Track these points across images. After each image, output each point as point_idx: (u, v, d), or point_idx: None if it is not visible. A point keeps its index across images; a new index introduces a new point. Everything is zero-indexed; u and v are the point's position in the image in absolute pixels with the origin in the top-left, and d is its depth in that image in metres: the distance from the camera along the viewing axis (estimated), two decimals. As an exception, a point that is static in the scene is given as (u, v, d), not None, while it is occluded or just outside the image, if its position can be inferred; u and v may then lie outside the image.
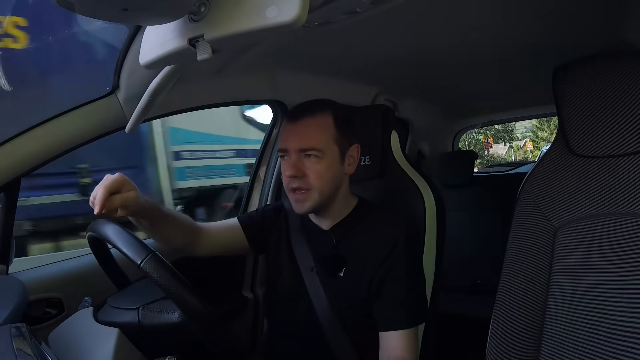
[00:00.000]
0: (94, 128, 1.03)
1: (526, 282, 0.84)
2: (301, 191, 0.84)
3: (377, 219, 0.91)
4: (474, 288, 1.87)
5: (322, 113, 0.86)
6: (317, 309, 0.88)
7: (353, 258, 0.87)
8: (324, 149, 0.83)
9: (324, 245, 0.91)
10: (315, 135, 0.83)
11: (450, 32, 1.11)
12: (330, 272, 0.88)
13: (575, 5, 0.97)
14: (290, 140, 0.84)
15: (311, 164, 0.83)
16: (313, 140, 0.83)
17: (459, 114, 2.32)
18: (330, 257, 0.88)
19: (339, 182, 0.88)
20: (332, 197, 0.88)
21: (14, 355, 0.52)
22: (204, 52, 0.59)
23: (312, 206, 0.86)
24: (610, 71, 0.82)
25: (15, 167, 0.95)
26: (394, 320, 0.82)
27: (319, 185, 0.84)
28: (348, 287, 0.86)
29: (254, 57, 1.07)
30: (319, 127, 0.84)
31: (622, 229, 0.79)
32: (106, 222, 0.84)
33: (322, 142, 0.84)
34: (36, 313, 1.00)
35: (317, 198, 0.85)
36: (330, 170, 0.85)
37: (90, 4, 0.52)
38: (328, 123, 0.85)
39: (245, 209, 1.52)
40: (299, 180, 0.83)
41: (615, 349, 0.75)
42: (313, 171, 0.83)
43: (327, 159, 0.84)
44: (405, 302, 0.83)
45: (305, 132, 0.83)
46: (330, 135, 0.85)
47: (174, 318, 0.81)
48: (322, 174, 0.84)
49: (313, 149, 0.83)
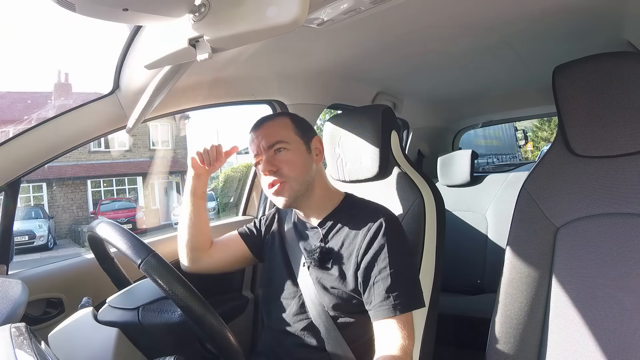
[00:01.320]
0: (94, 128, 1.03)
1: (526, 282, 0.84)
2: (278, 184, 0.90)
3: (361, 209, 0.93)
4: (474, 288, 1.87)
5: (280, 116, 0.99)
6: (309, 305, 0.90)
7: (339, 249, 0.89)
8: (289, 140, 0.92)
9: (314, 241, 0.93)
10: (278, 131, 0.92)
11: (450, 32, 1.11)
12: (319, 265, 0.89)
13: (575, 5, 0.98)
14: (257, 143, 0.92)
15: (281, 156, 0.90)
16: (278, 135, 0.91)
17: (459, 114, 2.32)
18: (318, 251, 0.90)
19: (312, 171, 0.93)
20: (309, 186, 0.92)
21: (14, 355, 0.52)
22: (204, 52, 0.59)
23: (291, 196, 0.90)
24: (610, 71, 0.82)
25: (16, 167, 0.95)
26: (384, 308, 0.81)
27: (293, 175, 0.90)
28: (337, 279, 0.87)
29: (254, 57, 1.07)
30: (280, 124, 0.94)
31: (622, 229, 0.79)
32: (106, 222, 0.84)
33: (285, 135, 0.92)
34: (36, 313, 1.01)
35: (295, 187, 0.90)
36: (299, 158, 0.91)
37: (91, 4, 0.53)
38: (286, 121, 0.95)
39: (245, 209, 1.53)
40: (275, 174, 0.90)
41: (615, 349, 0.75)
42: (285, 162, 0.90)
43: (294, 149, 0.91)
44: (393, 288, 0.81)
45: (268, 131, 0.92)
46: (291, 129, 0.93)
47: (174, 318, 0.81)
48: (293, 163, 0.90)
49: (279, 142, 0.90)
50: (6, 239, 0.98)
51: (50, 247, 9.20)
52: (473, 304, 1.71)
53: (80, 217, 10.67)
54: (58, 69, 13.61)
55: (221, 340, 0.74)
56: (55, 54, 23.83)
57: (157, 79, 0.83)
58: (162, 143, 12.09)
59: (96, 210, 10.37)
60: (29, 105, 9.90)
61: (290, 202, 0.91)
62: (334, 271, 0.88)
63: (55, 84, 10.63)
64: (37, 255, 8.09)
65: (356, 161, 1.12)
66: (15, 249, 1.05)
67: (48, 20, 24.04)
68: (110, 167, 11.07)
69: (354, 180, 1.16)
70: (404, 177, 1.09)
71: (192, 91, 1.13)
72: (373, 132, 1.11)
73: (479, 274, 1.88)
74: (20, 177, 0.97)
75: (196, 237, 1.00)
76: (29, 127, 0.95)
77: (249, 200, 1.52)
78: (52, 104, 10.27)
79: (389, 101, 1.75)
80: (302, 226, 0.97)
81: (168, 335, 0.83)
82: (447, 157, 2.11)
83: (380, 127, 1.10)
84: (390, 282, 0.82)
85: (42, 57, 22.17)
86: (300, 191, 0.91)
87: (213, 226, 1.44)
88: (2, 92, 10.64)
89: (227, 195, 9.74)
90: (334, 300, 0.87)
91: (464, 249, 1.91)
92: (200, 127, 19.53)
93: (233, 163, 8.58)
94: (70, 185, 10.84)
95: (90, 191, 10.98)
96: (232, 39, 0.58)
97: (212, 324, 0.73)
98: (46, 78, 29.47)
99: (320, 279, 0.89)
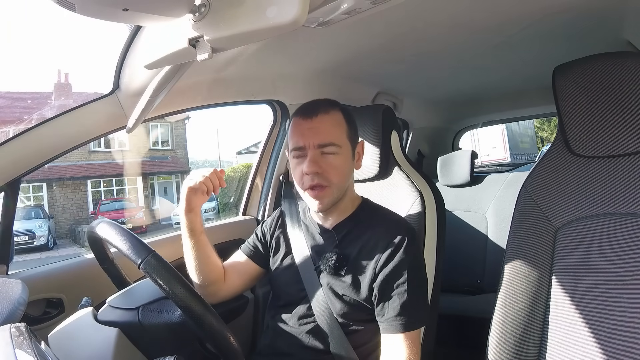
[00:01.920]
0: (94, 128, 1.03)
1: (526, 282, 0.84)
2: (320, 187, 0.84)
3: (381, 219, 0.91)
4: (474, 288, 1.87)
5: (334, 110, 0.88)
6: (315, 308, 0.88)
7: (355, 257, 0.86)
8: (341, 144, 0.85)
9: (327, 245, 0.90)
10: (333, 131, 0.85)
11: (450, 32, 1.11)
12: (331, 271, 0.87)
13: (575, 5, 0.97)
14: (307, 136, 0.84)
15: (329, 159, 0.84)
16: (332, 135, 0.84)
17: (459, 114, 2.32)
18: (333, 257, 0.87)
19: (351, 177, 0.90)
20: (345, 193, 0.89)
21: (13, 355, 0.52)
22: (204, 52, 0.60)
23: (331, 202, 0.86)
24: (611, 71, 0.82)
25: (16, 167, 0.95)
26: (397, 323, 0.81)
27: (337, 181, 0.85)
28: (350, 287, 0.86)
29: (254, 57, 1.07)
30: (335, 122, 0.86)
31: (622, 229, 0.79)
32: (106, 222, 0.84)
33: (339, 138, 0.85)
34: (36, 313, 1.00)
35: (335, 194, 0.86)
36: (346, 165, 0.87)
37: (91, 4, 0.53)
38: (341, 119, 0.87)
39: (245, 209, 1.53)
40: (318, 177, 0.83)
41: (615, 349, 0.75)
42: (332, 167, 0.84)
43: (344, 154, 0.86)
44: (408, 306, 0.81)
45: (323, 127, 0.84)
46: (344, 131, 0.87)
47: (174, 318, 0.81)
48: (341, 170, 0.85)
49: (332, 144, 0.84)
50: (6, 239, 0.98)
51: (50, 247, 9.21)
52: (473, 304, 1.71)
53: (80, 217, 10.67)
54: (58, 69, 13.61)
55: (221, 340, 0.74)
56: (55, 54, 23.82)
57: (157, 79, 0.83)
58: (163, 143, 12.10)
59: (96, 210, 10.37)
60: (29, 105, 9.90)
61: (327, 208, 0.87)
62: (347, 279, 0.86)
63: (55, 84, 10.63)
64: (37, 255, 8.09)
65: (356, 161, 1.12)
66: (15, 249, 1.06)
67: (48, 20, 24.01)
68: (110, 167, 11.08)
69: (354, 180, 1.15)
70: (404, 177, 1.09)
71: (192, 91, 1.13)
72: (373, 132, 1.11)
73: (479, 274, 1.88)
74: (20, 177, 0.97)
75: (209, 274, 0.93)
76: (29, 127, 0.95)
77: (249, 200, 1.52)
78: (52, 104, 10.27)
79: (389, 101, 1.75)
80: (314, 227, 0.94)
81: (168, 335, 0.83)
82: (447, 157, 2.11)
83: (380, 127, 1.10)
84: (407, 298, 0.82)
85: (42, 57, 22.17)
86: (338, 197, 0.87)
87: (213, 226, 1.44)
88: (2, 92, 10.64)
89: (227, 195, 9.74)
90: (344, 307, 0.86)
91: (464, 249, 1.90)
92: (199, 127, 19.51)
93: (233, 163, 8.59)
94: (70, 185, 10.83)
95: (90, 191, 10.98)
96: (232, 39, 0.58)
97: (212, 324, 0.73)
98: (46, 78, 29.48)
99: (331, 285, 0.87)
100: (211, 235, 1.02)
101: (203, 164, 13.40)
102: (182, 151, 12.20)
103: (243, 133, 26.65)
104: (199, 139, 17.93)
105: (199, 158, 14.19)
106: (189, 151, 12.64)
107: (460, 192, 2.05)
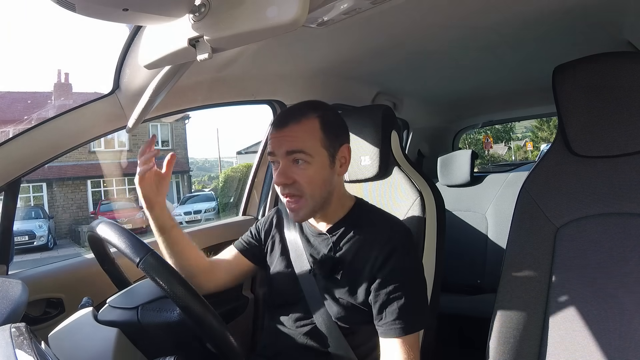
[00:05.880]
0: (94, 128, 1.03)
1: (526, 282, 0.84)
2: (293, 198, 0.84)
3: (376, 220, 0.90)
4: (474, 288, 1.87)
5: (308, 118, 0.85)
6: (313, 313, 0.88)
7: (351, 260, 0.86)
8: (312, 153, 0.83)
9: (321, 248, 0.90)
10: (304, 138, 0.83)
11: (450, 32, 1.11)
12: (327, 274, 0.87)
13: (575, 5, 0.97)
14: (276, 145, 0.84)
15: (300, 169, 0.83)
16: (301, 143, 0.82)
17: (459, 114, 2.32)
18: (327, 260, 0.87)
19: (330, 186, 0.87)
20: (326, 201, 0.87)
21: (14, 355, 0.52)
22: (204, 52, 0.59)
23: (307, 213, 0.86)
24: (610, 71, 0.82)
25: (16, 167, 0.95)
26: (395, 327, 0.80)
27: (310, 191, 0.84)
28: (346, 291, 0.85)
29: (254, 57, 1.07)
30: (305, 132, 0.83)
31: (622, 229, 0.79)
32: (106, 222, 0.84)
33: (310, 146, 0.83)
34: (36, 313, 1.00)
35: (311, 204, 0.85)
36: (319, 174, 0.84)
37: (91, 4, 0.53)
38: (314, 127, 0.84)
39: (245, 209, 1.53)
40: (289, 187, 0.84)
41: (616, 349, 0.75)
42: (303, 177, 0.83)
43: (316, 163, 0.83)
44: (406, 309, 0.80)
45: (292, 136, 0.83)
46: (318, 139, 0.84)
47: (173, 317, 0.81)
48: (312, 179, 0.83)
49: (301, 152, 0.82)
50: (6, 239, 0.98)
51: (50, 247, 9.22)
52: (473, 304, 1.71)
53: (80, 217, 10.67)
54: (58, 69, 13.62)
55: (221, 340, 0.74)
56: (55, 54, 23.81)
57: (157, 79, 0.83)
58: (162, 143, 12.09)
59: (96, 210, 10.38)
60: (29, 105, 9.91)
61: (305, 218, 0.87)
62: (344, 282, 0.86)
63: (55, 84, 10.64)
64: (37, 255, 8.10)
65: (356, 161, 1.12)
66: (15, 249, 1.06)
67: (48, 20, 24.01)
68: (110, 167, 11.08)
69: (354, 180, 1.16)
70: (404, 177, 1.09)
71: (192, 91, 1.13)
72: (373, 132, 1.11)
73: (479, 274, 1.88)
74: (20, 177, 0.97)
75: (188, 268, 0.92)
76: (29, 127, 0.95)
77: (249, 199, 1.52)
78: (52, 104, 10.28)
79: (389, 101, 1.75)
80: (309, 230, 0.94)
81: (167, 334, 0.83)
82: (447, 157, 2.11)
83: (380, 127, 1.10)
84: (404, 302, 0.81)
85: (42, 57, 22.17)
86: (317, 207, 0.86)
87: (213, 226, 1.45)
88: (2, 92, 10.64)
89: (227, 195, 9.75)
90: (341, 310, 0.86)
91: (464, 249, 1.91)
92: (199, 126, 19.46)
93: (233, 163, 8.60)
94: (70, 185, 10.84)
95: (90, 191, 10.98)
96: (232, 39, 0.58)
97: (212, 324, 0.73)
98: (46, 78, 29.50)
99: (327, 288, 0.87)
100: (211, 235, 1.03)
101: (203, 163, 13.39)
102: (182, 151, 12.20)
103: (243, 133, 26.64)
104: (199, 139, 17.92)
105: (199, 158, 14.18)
106: (189, 151, 12.64)
107: (460, 192, 2.05)
